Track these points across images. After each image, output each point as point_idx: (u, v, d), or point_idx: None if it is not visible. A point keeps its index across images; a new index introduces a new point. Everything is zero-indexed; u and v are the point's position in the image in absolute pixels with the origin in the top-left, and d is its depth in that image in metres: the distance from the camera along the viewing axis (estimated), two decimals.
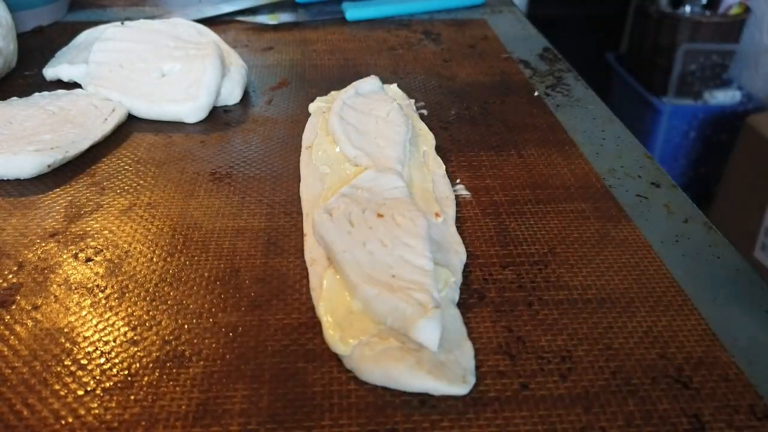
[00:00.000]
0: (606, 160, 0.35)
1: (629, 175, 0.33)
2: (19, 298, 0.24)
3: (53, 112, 0.35)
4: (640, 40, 1.28)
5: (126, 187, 0.31)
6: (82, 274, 0.26)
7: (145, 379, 0.21)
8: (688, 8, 1.17)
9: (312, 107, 0.36)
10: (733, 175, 1.06)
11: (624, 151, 0.36)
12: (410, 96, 0.40)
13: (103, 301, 0.24)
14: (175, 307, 0.24)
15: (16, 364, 0.22)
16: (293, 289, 0.25)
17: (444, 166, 0.32)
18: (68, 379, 0.21)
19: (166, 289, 0.25)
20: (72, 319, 0.23)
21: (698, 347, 0.23)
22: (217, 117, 0.39)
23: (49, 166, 0.31)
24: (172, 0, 0.59)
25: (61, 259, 0.26)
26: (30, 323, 0.23)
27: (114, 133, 0.36)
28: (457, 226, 0.29)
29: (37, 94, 0.38)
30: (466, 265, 0.26)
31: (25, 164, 0.31)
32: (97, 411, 0.20)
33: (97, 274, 0.26)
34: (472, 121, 0.38)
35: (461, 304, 0.24)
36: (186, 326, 0.23)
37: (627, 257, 0.27)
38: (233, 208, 0.30)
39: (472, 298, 0.25)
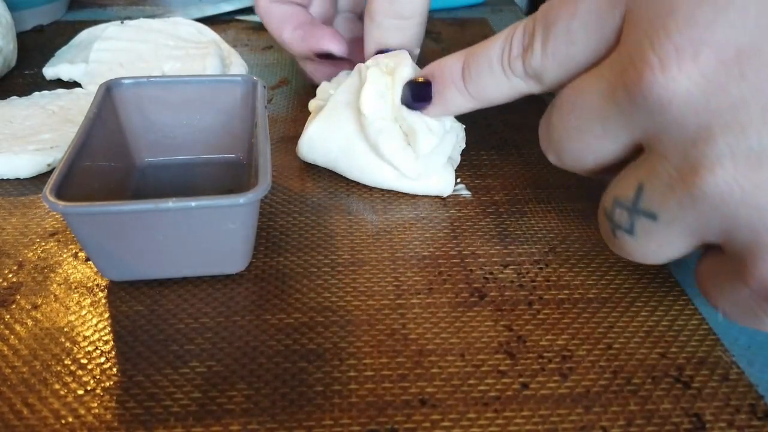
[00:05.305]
0: None
1: None
2: (19, 297, 0.24)
3: (53, 112, 0.35)
4: None
5: None
6: (82, 274, 0.26)
7: (146, 378, 0.21)
8: None
9: (312, 105, 0.36)
10: None
11: None
12: None
13: (103, 300, 0.24)
14: (177, 306, 0.24)
15: (16, 364, 0.22)
16: (294, 289, 0.25)
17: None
18: (68, 379, 0.21)
19: (165, 291, 0.25)
20: (72, 318, 0.23)
21: (699, 347, 0.23)
22: None
23: (49, 165, 0.31)
24: None
25: (61, 258, 0.26)
26: (30, 322, 0.23)
27: None
28: (457, 225, 0.29)
29: (37, 93, 0.38)
30: (466, 264, 0.26)
31: (25, 164, 0.31)
32: (97, 410, 0.20)
33: (97, 273, 0.25)
34: (471, 120, 0.38)
35: (461, 303, 0.24)
36: (187, 326, 0.23)
37: None
38: None
39: (472, 297, 0.25)
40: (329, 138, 0.31)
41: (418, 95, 0.28)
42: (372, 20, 0.31)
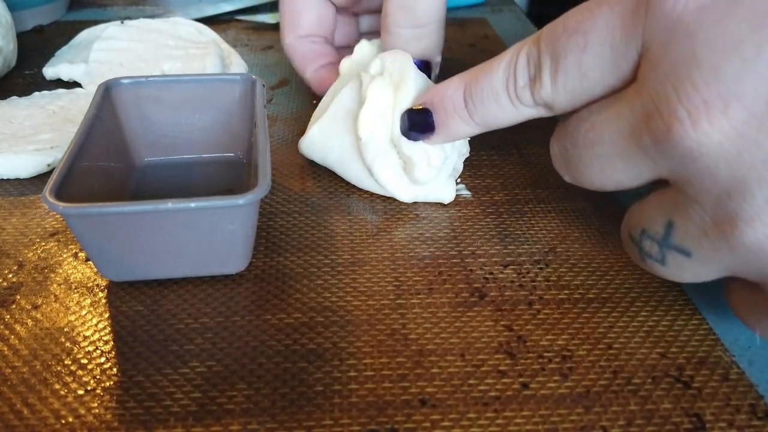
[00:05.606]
0: None
1: None
2: (19, 297, 0.24)
3: (53, 112, 0.35)
4: None
5: None
6: (83, 274, 0.26)
7: (146, 378, 0.21)
8: None
9: (345, 65, 0.33)
10: None
11: None
12: None
13: (103, 300, 0.24)
14: (177, 306, 0.24)
15: (17, 364, 0.22)
16: (294, 289, 0.25)
17: None
18: (68, 379, 0.21)
19: (165, 291, 0.25)
20: (72, 318, 0.23)
21: (700, 347, 0.23)
22: None
23: (49, 165, 0.31)
24: None
25: (61, 258, 0.26)
26: (30, 323, 0.23)
27: None
28: (457, 225, 0.29)
29: (37, 93, 0.38)
30: (466, 264, 0.26)
31: (25, 164, 0.31)
32: (97, 410, 0.20)
33: (97, 273, 0.25)
34: None
35: (461, 303, 0.24)
36: (187, 326, 0.23)
37: (628, 257, 0.27)
38: None
39: (472, 297, 0.25)
40: (329, 143, 0.31)
41: (419, 126, 0.27)
42: (388, 32, 0.31)
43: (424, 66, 0.32)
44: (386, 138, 0.28)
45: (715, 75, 0.17)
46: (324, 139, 0.31)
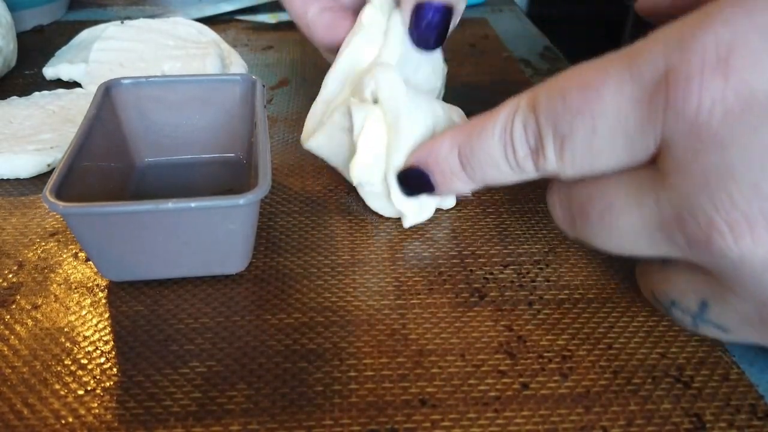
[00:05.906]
0: None
1: None
2: (19, 297, 0.24)
3: (53, 112, 0.35)
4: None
5: None
6: (82, 274, 0.26)
7: (146, 378, 0.21)
8: None
9: (368, 13, 0.30)
10: None
11: None
12: None
13: (103, 300, 0.24)
14: (177, 306, 0.24)
15: (16, 364, 0.22)
16: (294, 289, 0.25)
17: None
18: (68, 379, 0.21)
19: (165, 291, 0.25)
20: (72, 318, 0.23)
21: (700, 347, 0.23)
22: None
23: (49, 165, 0.31)
24: None
25: (61, 258, 0.26)
26: (30, 323, 0.23)
27: None
28: (457, 225, 0.29)
29: (37, 93, 0.38)
30: (466, 264, 0.26)
31: (25, 164, 0.31)
32: (97, 410, 0.20)
33: (97, 273, 0.25)
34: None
35: (461, 303, 0.24)
36: (187, 326, 0.23)
37: (628, 257, 0.27)
38: None
39: (473, 297, 0.25)
40: (327, 155, 0.30)
41: (420, 188, 0.26)
42: None
43: (445, 11, 0.30)
44: (380, 179, 0.27)
45: (755, 191, 0.16)
46: (322, 151, 0.30)
